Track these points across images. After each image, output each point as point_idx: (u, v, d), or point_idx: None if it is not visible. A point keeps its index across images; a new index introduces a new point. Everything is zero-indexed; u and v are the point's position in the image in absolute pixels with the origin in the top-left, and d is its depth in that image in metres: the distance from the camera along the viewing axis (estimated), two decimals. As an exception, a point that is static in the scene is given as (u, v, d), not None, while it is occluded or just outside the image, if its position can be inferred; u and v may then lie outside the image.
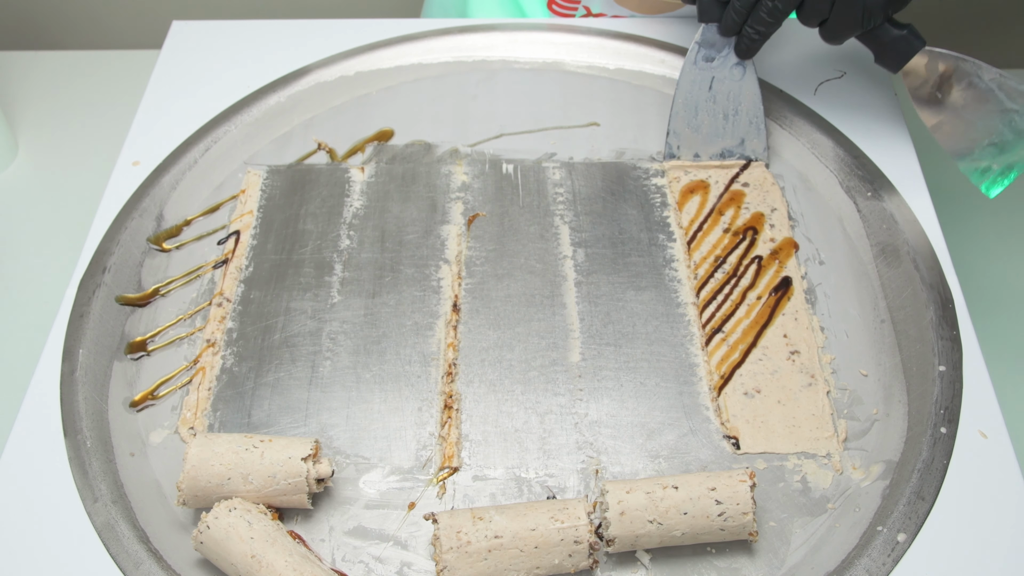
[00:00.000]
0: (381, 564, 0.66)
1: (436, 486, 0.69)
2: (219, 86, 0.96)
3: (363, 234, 0.85)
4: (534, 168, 0.91)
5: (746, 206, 0.85)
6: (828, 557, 0.65)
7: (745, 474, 0.64)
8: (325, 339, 0.78)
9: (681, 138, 0.88)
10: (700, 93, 0.86)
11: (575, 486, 0.69)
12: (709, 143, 0.88)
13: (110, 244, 0.82)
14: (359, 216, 0.87)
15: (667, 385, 0.75)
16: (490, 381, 0.75)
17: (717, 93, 0.86)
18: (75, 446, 0.70)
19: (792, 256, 0.82)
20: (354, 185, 0.89)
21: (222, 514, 0.63)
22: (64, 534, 0.65)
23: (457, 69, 0.99)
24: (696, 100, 0.86)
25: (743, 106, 0.86)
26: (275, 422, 0.73)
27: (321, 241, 0.85)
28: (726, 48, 0.84)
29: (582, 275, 0.82)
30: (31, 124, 1.18)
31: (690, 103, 0.86)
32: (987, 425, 0.70)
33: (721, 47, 0.84)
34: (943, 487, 0.67)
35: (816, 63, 0.97)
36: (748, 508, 0.63)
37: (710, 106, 0.86)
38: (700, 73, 0.85)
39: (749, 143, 0.88)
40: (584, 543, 0.62)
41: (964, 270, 0.82)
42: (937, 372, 0.73)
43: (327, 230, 0.86)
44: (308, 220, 0.87)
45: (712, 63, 0.84)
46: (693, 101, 0.86)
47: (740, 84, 0.85)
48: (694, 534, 0.63)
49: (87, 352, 0.75)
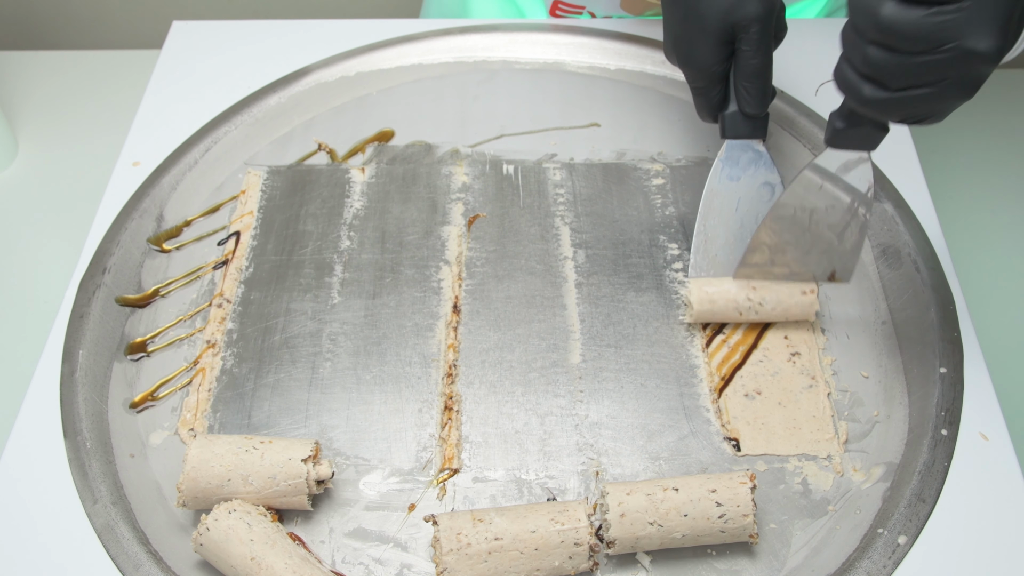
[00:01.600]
0: (381, 566, 0.65)
1: (436, 488, 0.69)
2: (219, 86, 0.96)
3: (363, 235, 0.85)
4: (535, 169, 0.90)
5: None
6: (829, 559, 0.65)
7: (745, 476, 0.64)
8: (325, 340, 0.78)
9: (707, 260, 0.78)
10: (726, 214, 0.78)
11: (575, 488, 0.69)
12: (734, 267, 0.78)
13: (110, 245, 0.82)
14: (359, 217, 0.87)
15: (668, 387, 0.74)
16: (490, 382, 0.75)
17: (744, 215, 0.77)
18: (75, 447, 0.69)
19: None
20: (354, 186, 0.89)
21: (222, 516, 0.63)
22: (64, 536, 0.65)
23: (458, 70, 0.99)
24: (722, 222, 0.78)
25: None
26: (275, 423, 0.73)
27: (321, 242, 0.85)
28: (751, 166, 0.77)
29: (583, 276, 0.82)
30: (31, 124, 1.18)
31: (716, 225, 0.78)
32: (988, 427, 0.70)
33: (747, 165, 0.77)
34: (944, 489, 0.66)
35: (816, 64, 0.96)
36: (748, 510, 0.63)
37: (736, 228, 0.78)
38: (725, 193, 0.78)
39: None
40: (584, 545, 0.62)
41: (965, 272, 0.82)
42: (938, 374, 0.72)
43: (327, 231, 0.86)
44: (308, 221, 0.86)
45: (737, 182, 0.77)
46: (719, 223, 0.78)
47: (769, 205, 0.76)
48: (695, 536, 0.63)
49: (87, 353, 0.75)
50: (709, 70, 0.75)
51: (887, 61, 0.57)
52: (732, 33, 0.73)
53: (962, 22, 0.54)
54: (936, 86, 0.58)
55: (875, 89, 0.59)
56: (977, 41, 0.55)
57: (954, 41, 0.55)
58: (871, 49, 0.58)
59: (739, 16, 0.72)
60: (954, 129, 1.17)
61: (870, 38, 0.57)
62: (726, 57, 0.74)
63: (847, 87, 0.61)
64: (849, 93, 0.62)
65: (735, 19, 0.72)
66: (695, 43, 0.74)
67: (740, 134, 0.77)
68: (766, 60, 0.74)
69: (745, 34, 0.72)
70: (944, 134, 1.16)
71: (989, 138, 1.16)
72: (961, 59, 0.56)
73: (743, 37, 0.72)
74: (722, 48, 0.73)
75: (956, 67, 0.56)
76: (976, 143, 1.16)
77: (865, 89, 0.60)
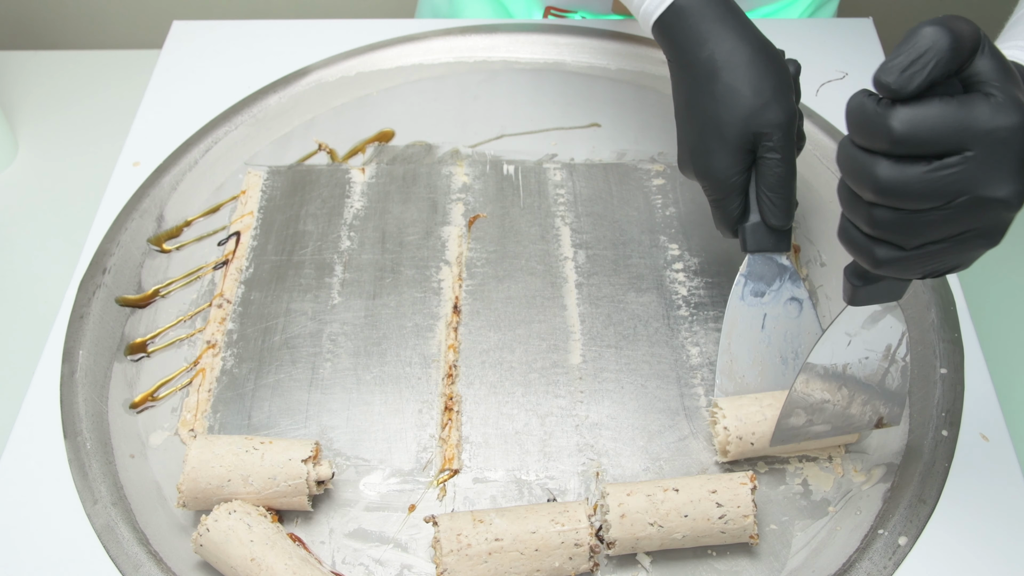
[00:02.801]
0: (381, 567, 0.65)
1: (436, 488, 0.69)
2: (219, 86, 0.96)
3: (364, 235, 0.85)
4: (535, 169, 0.90)
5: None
6: (829, 560, 0.65)
7: (746, 476, 0.64)
8: (325, 341, 0.78)
9: (733, 382, 0.74)
10: (752, 333, 0.73)
11: (576, 488, 0.69)
12: (764, 389, 0.74)
13: (110, 245, 0.82)
14: (360, 217, 0.87)
15: (668, 387, 0.74)
16: (491, 383, 0.75)
17: (771, 333, 0.73)
18: (75, 448, 0.69)
19: (794, 258, 0.82)
20: (355, 186, 0.89)
21: (222, 517, 0.63)
22: (64, 536, 0.65)
23: (458, 70, 0.99)
24: (748, 341, 0.73)
25: (802, 348, 0.73)
26: (275, 424, 0.73)
27: (321, 242, 0.85)
28: (777, 280, 0.73)
29: (583, 277, 0.82)
30: (31, 124, 1.17)
31: (741, 344, 0.73)
32: (988, 428, 0.70)
33: (771, 279, 0.73)
34: (944, 490, 0.66)
35: (817, 64, 0.96)
36: (749, 511, 0.63)
37: (763, 348, 0.73)
38: (750, 310, 0.73)
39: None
40: (584, 546, 0.62)
41: (965, 272, 0.81)
42: (938, 375, 0.72)
43: (327, 231, 0.86)
44: (308, 221, 0.86)
45: (762, 298, 0.73)
46: (745, 342, 0.73)
47: (798, 322, 0.73)
48: (695, 536, 0.63)
49: (87, 353, 0.75)
50: (729, 181, 0.70)
51: (897, 221, 0.50)
52: (754, 142, 0.68)
53: (972, 171, 0.47)
54: (957, 239, 0.50)
55: (889, 250, 0.52)
56: (994, 189, 0.47)
57: (967, 193, 0.48)
58: (875, 211, 0.50)
59: (762, 122, 0.68)
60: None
61: (870, 200, 0.50)
62: (747, 167, 0.70)
63: (857, 250, 0.54)
64: (861, 256, 0.54)
65: (757, 126, 0.68)
66: (714, 153, 0.69)
67: (764, 247, 0.72)
68: (791, 168, 0.69)
69: (769, 142, 0.68)
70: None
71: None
72: (979, 209, 0.48)
73: (766, 145, 0.68)
74: (743, 157, 0.69)
75: (976, 218, 0.49)
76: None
77: (878, 252, 0.52)
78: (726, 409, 0.69)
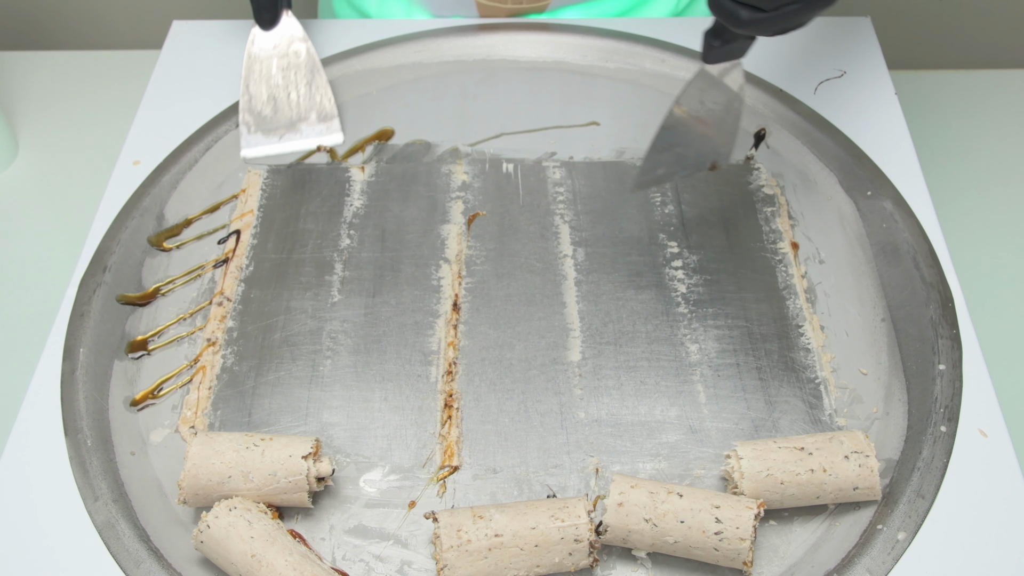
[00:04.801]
0: (381, 563, 0.66)
1: (436, 485, 0.69)
2: (219, 86, 0.96)
3: (363, 233, 0.85)
4: (534, 167, 0.91)
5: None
6: (828, 556, 0.65)
7: (754, 503, 0.63)
8: (325, 338, 0.78)
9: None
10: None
11: (575, 485, 0.69)
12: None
13: (111, 243, 0.82)
14: (359, 215, 0.87)
15: (667, 384, 0.75)
16: (490, 380, 0.75)
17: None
18: (76, 445, 0.70)
19: (792, 255, 0.83)
20: (354, 184, 0.89)
21: (222, 513, 0.63)
22: (65, 533, 0.65)
23: (457, 68, 1.00)
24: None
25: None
26: (276, 421, 0.73)
27: (321, 240, 0.85)
28: None
29: (582, 274, 0.82)
30: (31, 124, 1.18)
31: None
32: (987, 423, 0.70)
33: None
34: (943, 486, 0.67)
35: (816, 63, 0.97)
36: (747, 535, 0.61)
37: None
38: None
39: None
40: (584, 541, 0.62)
41: (964, 269, 0.81)
42: (937, 371, 0.73)
43: (327, 229, 0.86)
44: (308, 219, 0.87)
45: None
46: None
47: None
48: (687, 546, 0.62)
49: (88, 351, 0.75)
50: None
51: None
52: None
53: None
54: (805, 1, 0.65)
55: (751, 12, 0.66)
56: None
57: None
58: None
59: None
60: (952, 126, 1.17)
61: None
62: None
63: (725, 14, 0.67)
64: (727, 19, 0.67)
65: None
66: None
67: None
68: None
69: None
70: (943, 131, 1.16)
71: (988, 136, 1.16)
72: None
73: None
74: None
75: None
76: (975, 140, 1.16)
77: (742, 13, 0.66)
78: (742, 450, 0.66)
